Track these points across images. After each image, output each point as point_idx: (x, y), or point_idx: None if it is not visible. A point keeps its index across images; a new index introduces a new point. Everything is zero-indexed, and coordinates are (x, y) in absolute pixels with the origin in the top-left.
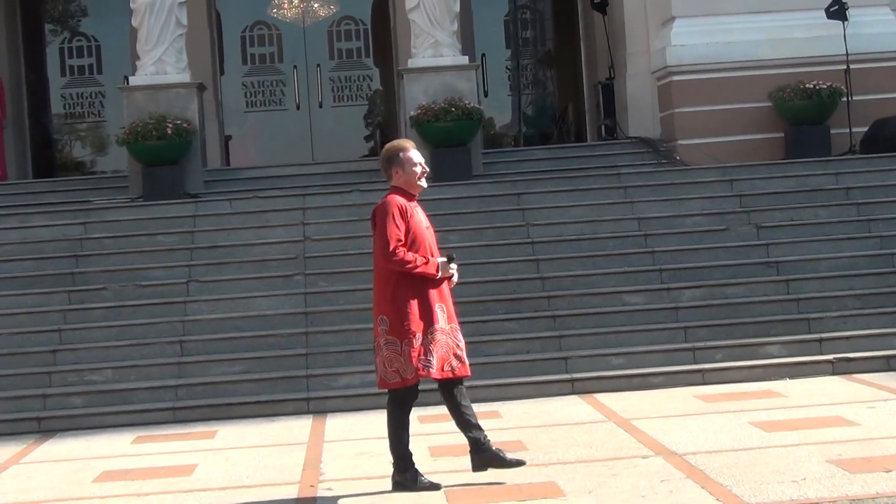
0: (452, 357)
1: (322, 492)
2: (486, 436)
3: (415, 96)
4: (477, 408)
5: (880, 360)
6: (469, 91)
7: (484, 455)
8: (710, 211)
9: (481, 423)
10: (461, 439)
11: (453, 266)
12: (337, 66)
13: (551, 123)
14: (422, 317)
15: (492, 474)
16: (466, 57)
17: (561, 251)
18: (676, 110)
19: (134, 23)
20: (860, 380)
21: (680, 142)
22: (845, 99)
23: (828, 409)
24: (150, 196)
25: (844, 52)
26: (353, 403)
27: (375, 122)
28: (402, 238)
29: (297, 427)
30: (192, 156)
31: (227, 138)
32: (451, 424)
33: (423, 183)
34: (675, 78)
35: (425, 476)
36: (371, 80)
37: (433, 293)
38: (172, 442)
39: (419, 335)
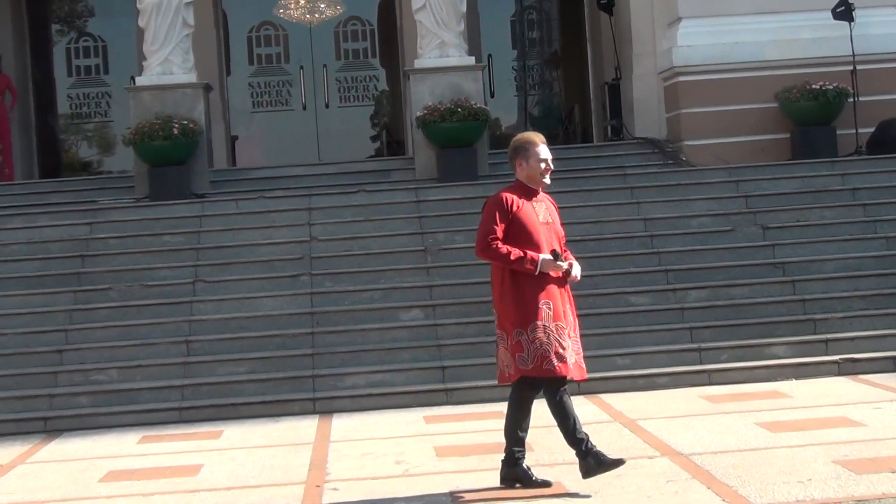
0: (553, 356)
1: (328, 492)
2: (589, 439)
3: (421, 97)
4: (483, 408)
5: (886, 361)
6: (475, 91)
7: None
8: (715, 212)
9: (485, 423)
10: (467, 439)
11: (564, 263)
12: (343, 66)
13: (557, 124)
14: (524, 312)
15: (495, 476)
16: (473, 57)
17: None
18: (683, 111)
19: (140, 23)
20: (866, 380)
21: (686, 142)
22: (852, 100)
23: (833, 409)
24: (156, 196)
25: (851, 53)
26: (360, 403)
27: (382, 122)
28: (497, 233)
29: (303, 427)
30: (198, 156)
31: (234, 139)
32: (457, 425)
33: (547, 179)
34: (682, 78)
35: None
36: (377, 81)
37: (538, 289)
38: (178, 442)
39: (518, 330)
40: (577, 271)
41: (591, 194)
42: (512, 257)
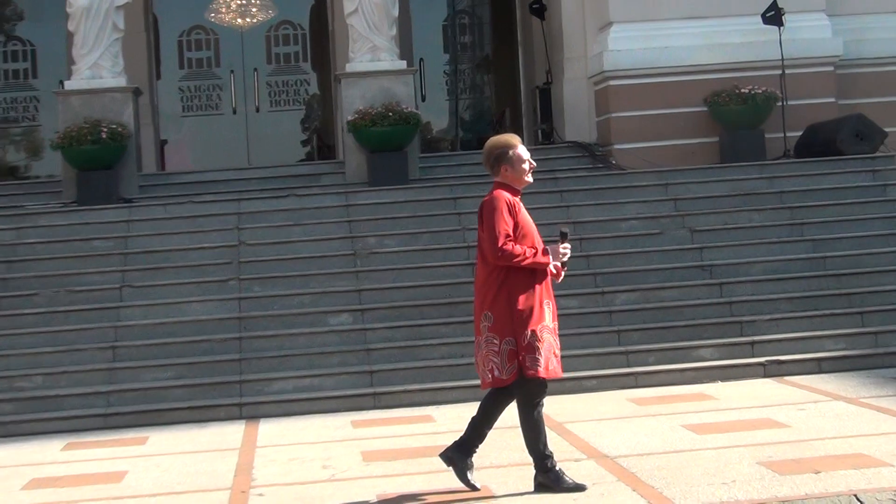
0: (552, 356)
1: (253, 498)
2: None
3: (352, 101)
4: (411, 412)
5: (811, 363)
6: (406, 96)
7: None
8: (645, 215)
9: (413, 427)
10: (394, 444)
11: (566, 246)
12: (274, 70)
13: (488, 128)
14: (530, 314)
15: (423, 480)
16: (404, 61)
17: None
18: (613, 115)
19: (70, 27)
20: (791, 382)
21: (616, 146)
22: (780, 104)
23: (759, 411)
24: (84, 201)
25: (780, 58)
26: (287, 408)
27: (312, 126)
28: (511, 233)
29: (230, 433)
30: (126, 160)
31: (163, 143)
32: (385, 429)
33: (530, 178)
34: (612, 83)
35: (567, 476)
36: (308, 85)
37: (540, 290)
38: (103, 448)
39: (527, 333)
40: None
41: (522, 198)
42: (528, 254)
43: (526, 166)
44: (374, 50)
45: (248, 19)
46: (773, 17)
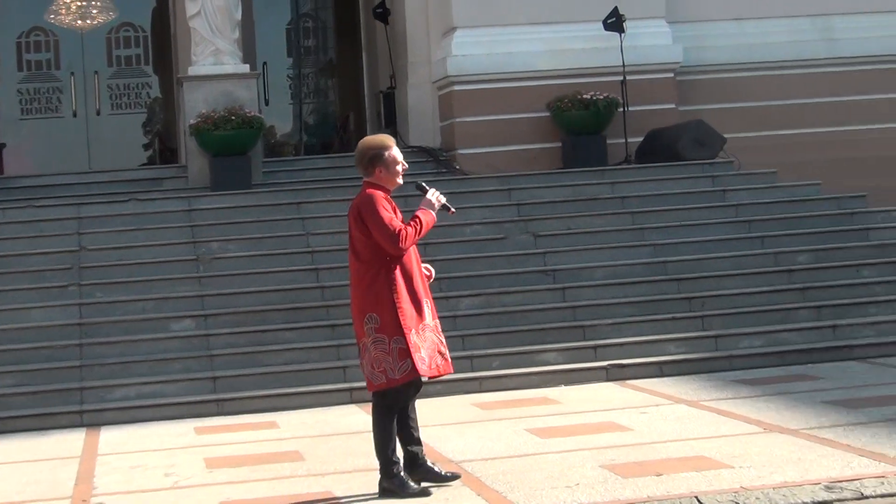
0: (437, 354)
1: None
2: (422, 451)
3: (195, 104)
4: (255, 418)
5: (653, 367)
6: (250, 99)
7: (419, 470)
8: (488, 220)
9: (257, 433)
10: (238, 450)
11: (432, 192)
12: (115, 73)
13: (333, 132)
14: (413, 313)
15: (268, 486)
16: (248, 65)
17: (341, 261)
18: (457, 120)
19: None
20: (633, 386)
21: (460, 151)
22: (622, 109)
23: (602, 414)
24: None
25: (621, 64)
26: (129, 415)
27: (155, 130)
28: (398, 222)
29: (71, 440)
30: None
31: (2, 146)
32: (228, 436)
33: (401, 180)
34: (456, 88)
35: (412, 481)
36: (150, 88)
37: (420, 288)
38: None
39: (413, 332)
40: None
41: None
42: (419, 225)
43: (400, 168)
44: (216, 53)
45: (88, 21)
46: (615, 23)
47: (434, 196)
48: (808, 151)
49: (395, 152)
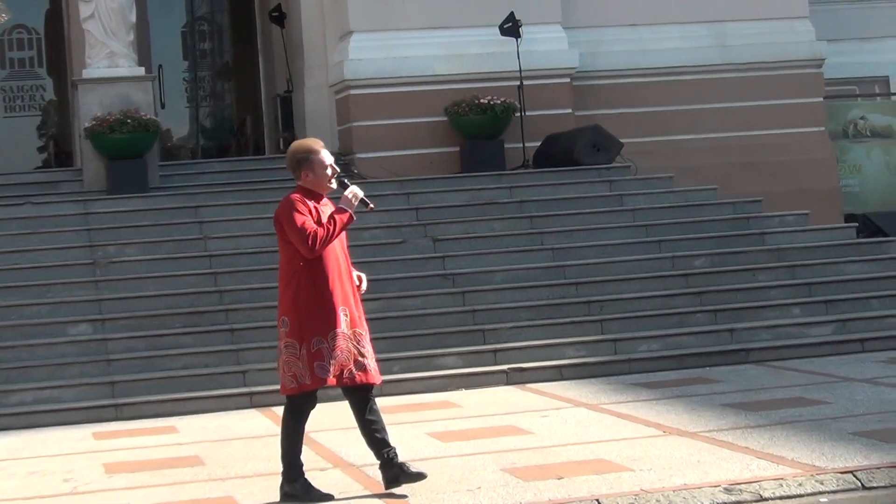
0: (353, 364)
1: None
2: (393, 450)
3: (90, 107)
4: (154, 423)
5: (552, 370)
6: (145, 102)
7: (392, 470)
8: (387, 224)
9: (157, 438)
10: (137, 455)
11: (351, 189)
12: (9, 75)
13: (230, 136)
14: (323, 319)
15: (168, 492)
16: (143, 68)
17: (239, 264)
18: (354, 124)
19: None
20: (534, 389)
21: (358, 155)
22: (519, 114)
23: (502, 418)
24: None
25: (518, 69)
26: (27, 421)
27: (49, 133)
28: (312, 223)
29: None
30: None
31: None
32: (127, 440)
33: (333, 184)
34: (353, 92)
35: (315, 486)
36: (45, 91)
37: (337, 295)
38: None
39: (319, 339)
40: (364, 282)
41: (263, 207)
42: (333, 226)
43: (329, 171)
44: (111, 56)
45: None
46: (511, 28)
47: (351, 193)
48: (705, 156)
49: (324, 156)
